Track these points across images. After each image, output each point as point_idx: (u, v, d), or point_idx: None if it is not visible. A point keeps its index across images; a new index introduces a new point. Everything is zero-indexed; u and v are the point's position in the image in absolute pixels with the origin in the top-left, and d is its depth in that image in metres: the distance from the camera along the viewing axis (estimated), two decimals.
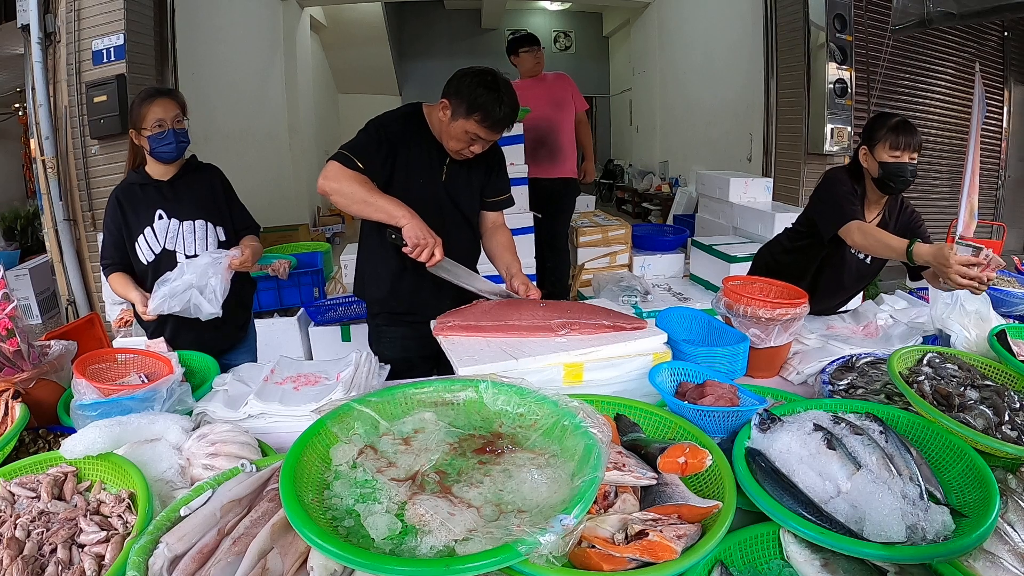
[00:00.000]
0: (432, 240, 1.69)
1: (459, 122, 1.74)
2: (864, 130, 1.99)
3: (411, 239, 1.68)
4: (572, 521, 0.78)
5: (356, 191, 1.71)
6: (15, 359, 1.39)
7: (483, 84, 1.72)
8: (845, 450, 1.01)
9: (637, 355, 1.43)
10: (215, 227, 2.01)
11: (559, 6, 11.52)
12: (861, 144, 1.99)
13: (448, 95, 1.76)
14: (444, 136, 1.81)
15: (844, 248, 2.03)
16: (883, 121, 1.92)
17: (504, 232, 2.04)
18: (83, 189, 3.86)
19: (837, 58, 4.74)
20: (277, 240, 5.60)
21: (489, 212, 2.04)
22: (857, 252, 2.07)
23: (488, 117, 1.72)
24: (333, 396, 1.29)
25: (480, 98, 1.70)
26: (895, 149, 1.88)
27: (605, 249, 4.26)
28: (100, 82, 3.73)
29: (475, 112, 1.71)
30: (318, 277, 3.71)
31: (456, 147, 1.80)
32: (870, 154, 1.94)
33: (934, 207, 5.93)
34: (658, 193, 9.05)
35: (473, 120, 1.72)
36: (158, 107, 1.88)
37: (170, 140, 1.89)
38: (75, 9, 3.73)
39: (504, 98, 1.73)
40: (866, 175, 1.99)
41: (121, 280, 1.95)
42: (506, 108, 1.74)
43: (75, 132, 3.82)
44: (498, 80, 1.75)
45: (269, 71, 7.39)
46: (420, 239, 1.67)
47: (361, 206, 1.73)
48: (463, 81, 1.74)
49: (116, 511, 1.00)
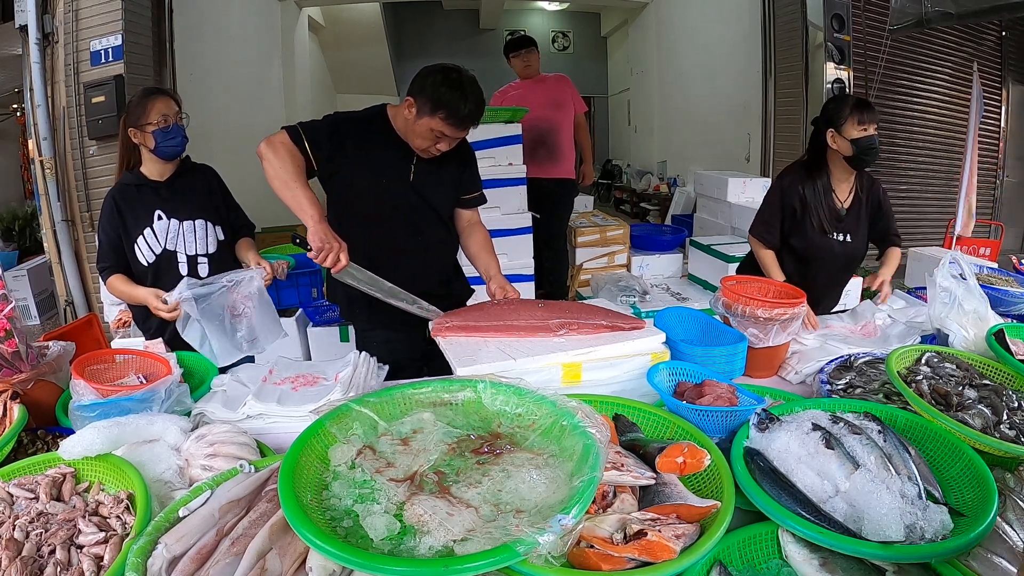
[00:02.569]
0: (336, 244, 1.63)
1: (424, 120, 1.73)
2: (824, 115, 2.07)
3: (314, 243, 1.62)
4: (571, 521, 0.78)
5: (285, 168, 1.67)
6: (13, 360, 1.39)
7: (447, 82, 1.71)
8: (843, 449, 1.02)
9: (635, 355, 1.43)
10: (215, 226, 2.01)
11: (557, 6, 11.52)
12: (825, 129, 2.05)
13: (413, 93, 1.75)
14: (410, 135, 1.79)
15: (820, 235, 2.10)
16: (843, 103, 2.02)
17: (480, 230, 2.03)
18: (81, 190, 3.85)
19: (835, 58, 4.75)
20: (275, 240, 5.58)
21: (464, 210, 2.03)
22: (837, 235, 2.12)
23: (453, 115, 1.71)
24: (331, 397, 1.29)
25: (444, 96, 1.70)
26: (862, 124, 1.98)
27: (603, 249, 4.26)
28: (98, 83, 3.73)
29: (440, 110, 1.70)
30: (316, 278, 3.70)
31: (422, 145, 1.78)
32: (838, 135, 2.01)
33: (933, 207, 5.94)
34: (656, 193, 9.05)
35: (438, 118, 1.71)
36: (162, 103, 1.88)
37: (175, 134, 1.89)
38: (73, 10, 3.72)
39: (468, 95, 1.72)
40: (835, 156, 2.06)
41: (123, 281, 1.93)
42: (470, 105, 1.72)
43: (73, 133, 3.82)
44: (463, 77, 1.74)
45: (267, 71, 7.38)
46: (323, 242, 1.62)
47: (280, 185, 1.67)
48: (427, 79, 1.73)
49: (115, 512, 1.00)
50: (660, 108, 9.46)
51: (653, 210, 8.80)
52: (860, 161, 2.03)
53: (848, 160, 2.04)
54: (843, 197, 2.12)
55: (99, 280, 2.09)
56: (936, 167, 5.98)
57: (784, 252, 2.19)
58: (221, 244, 2.02)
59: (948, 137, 5.95)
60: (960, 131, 5.47)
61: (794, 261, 2.17)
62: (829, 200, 2.10)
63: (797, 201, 2.11)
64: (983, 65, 5.74)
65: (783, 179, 2.18)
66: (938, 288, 1.60)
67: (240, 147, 6.24)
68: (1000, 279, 2.03)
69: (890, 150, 5.65)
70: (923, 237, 5.64)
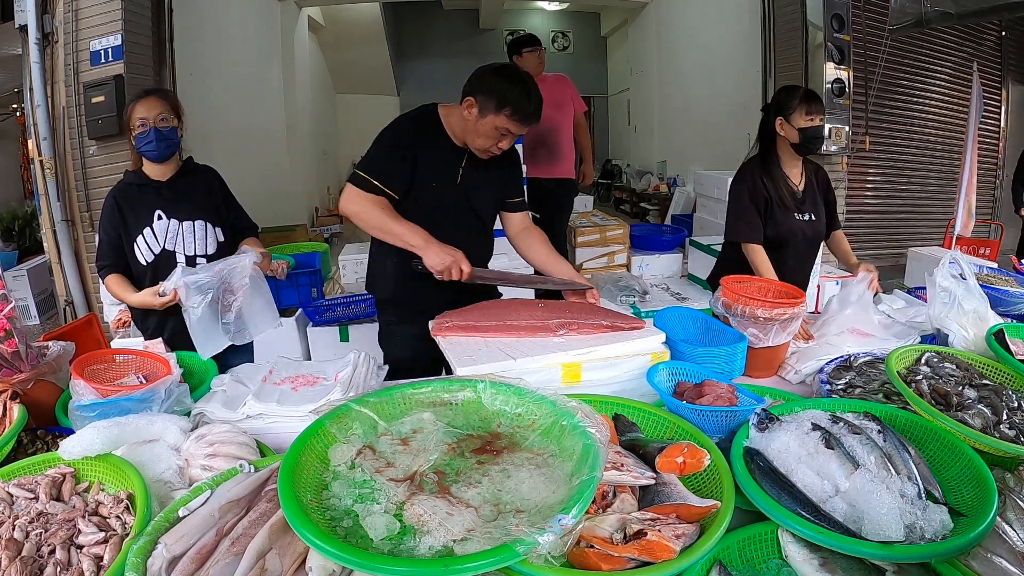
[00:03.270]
0: (453, 259, 1.69)
1: (488, 118, 1.72)
2: (776, 104, 2.22)
3: (434, 266, 1.69)
4: (570, 521, 0.78)
5: (373, 218, 1.74)
6: (13, 360, 1.39)
7: (509, 78, 1.72)
8: (843, 449, 1.02)
9: (635, 355, 1.43)
10: (214, 228, 2.01)
11: (557, 6, 11.52)
12: (775, 117, 2.21)
13: (473, 93, 1.74)
14: (470, 135, 1.78)
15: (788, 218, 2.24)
16: (793, 93, 2.19)
17: (537, 233, 2.02)
18: (81, 190, 3.85)
19: (835, 58, 4.74)
20: (275, 240, 5.59)
21: (513, 214, 2.03)
22: (802, 215, 2.26)
23: (518, 110, 1.71)
24: (331, 396, 1.29)
25: (509, 92, 1.69)
26: (809, 115, 2.14)
27: (603, 249, 4.26)
28: (98, 83, 3.72)
29: (505, 107, 1.70)
30: (316, 278, 3.70)
31: (484, 144, 1.78)
32: (787, 123, 2.18)
33: (933, 207, 5.94)
34: (656, 193, 9.05)
35: (503, 115, 1.71)
36: (142, 106, 1.88)
37: (151, 139, 1.88)
38: (73, 10, 3.72)
39: (532, 90, 1.72)
40: (783, 143, 2.23)
41: (119, 283, 1.94)
42: (535, 100, 1.73)
43: (73, 133, 3.82)
44: (521, 73, 1.75)
45: (267, 71, 7.38)
46: (441, 264, 1.68)
47: (378, 233, 1.76)
48: (488, 77, 1.73)
49: (114, 512, 1.00)
50: (660, 108, 9.46)
51: (653, 210, 8.80)
52: (805, 148, 2.19)
53: (795, 146, 2.19)
54: (796, 180, 2.28)
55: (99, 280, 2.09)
56: (936, 167, 5.98)
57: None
58: (221, 245, 2.02)
59: (948, 137, 5.95)
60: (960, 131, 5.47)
61: (767, 249, 2.26)
62: (787, 184, 2.26)
63: (763, 194, 2.24)
64: (983, 65, 5.74)
65: (745, 178, 2.28)
66: (938, 288, 1.60)
67: (240, 147, 6.28)
68: (1000, 279, 2.03)
69: (890, 150, 5.65)
70: (923, 237, 5.64)
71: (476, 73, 1.78)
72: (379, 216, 1.73)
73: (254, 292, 1.85)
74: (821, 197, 2.32)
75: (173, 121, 1.93)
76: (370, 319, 3.67)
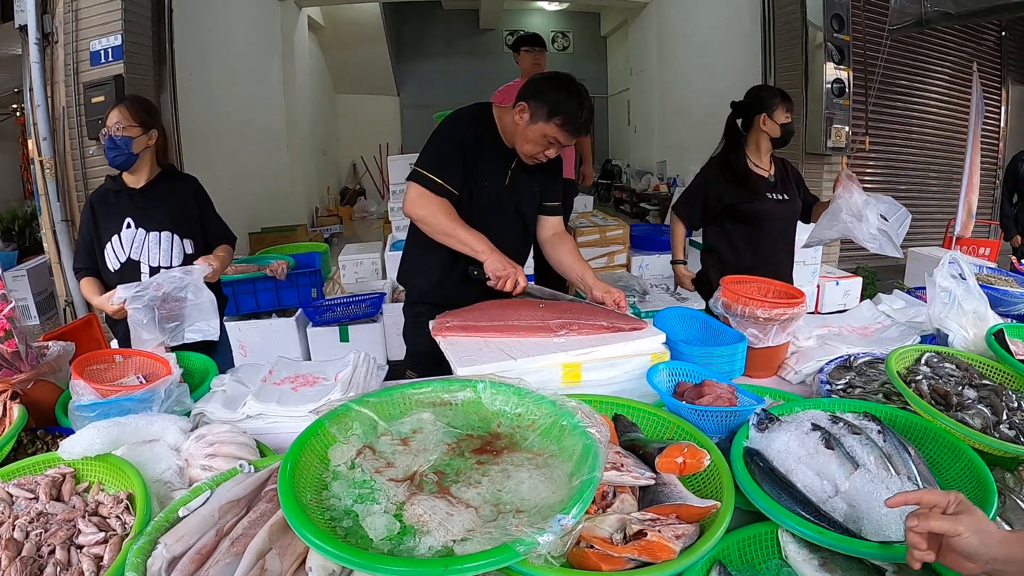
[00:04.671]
0: (513, 270, 1.69)
1: (539, 126, 1.73)
2: (758, 102, 2.43)
3: (493, 272, 1.70)
4: (570, 521, 0.78)
5: (439, 222, 1.74)
6: (13, 360, 1.39)
7: (564, 88, 1.72)
8: (843, 449, 1.02)
9: (635, 355, 1.43)
10: (182, 240, 1.99)
11: (557, 6, 11.53)
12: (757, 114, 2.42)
13: (527, 99, 1.74)
14: (519, 140, 1.79)
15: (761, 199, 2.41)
16: (774, 93, 2.44)
17: (568, 240, 2.03)
18: (81, 190, 3.85)
19: (835, 58, 4.75)
20: (275, 240, 5.59)
21: (549, 217, 2.03)
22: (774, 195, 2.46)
23: (570, 121, 1.71)
24: (331, 397, 1.29)
25: (562, 103, 1.70)
26: (787, 112, 2.41)
27: (603, 249, 4.26)
28: (98, 83, 3.72)
29: (556, 116, 1.70)
30: (316, 278, 3.71)
31: (532, 151, 1.78)
32: (769, 119, 2.40)
33: (933, 207, 5.94)
34: (656, 193, 9.05)
35: (554, 123, 1.71)
36: (112, 114, 1.89)
37: (109, 146, 1.88)
38: (73, 10, 3.72)
39: (585, 103, 1.73)
40: (762, 137, 2.44)
41: (88, 286, 1.94)
42: (587, 112, 1.74)
43: (73, 133, 3.82)
44: (577, 85, 1.75)
45: (267, 71, 7.38)
46: (501, 271, 1.69)
47: (443, 237, 1.76)
48: (543, 85, 1.74)
49: (114, 512, 1.00)
50: (660, 108, 9.47)
51: (653, 210, 8.80)
52: (783, 141, 2.45)
53: (774, 140, 2.44)
54: (767, 167, 2.49)
55: None
56: (936, 167, 5.98)
57: (732, 221, 2.50)
58: (188, 258, 1.99)
59: (948, 137, 5.96)
60: (960, 131, 5.48)
61: (744, 225, 2.47)
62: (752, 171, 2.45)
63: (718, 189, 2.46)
64: (983, 65, 5.75)
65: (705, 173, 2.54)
66: (938, 288, 1.60)
67: (240, 147, 6.29)
68: (1000, 279, 2.03)
69: (890, 150, 5.65)
70: (923, 237, 5.64)
71: (531, 80, 1.78)
72: (446, 222, 1.74)
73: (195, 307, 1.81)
74: (792, 183, 2.53)
75: (132, 131, 1.89)
76: (370, 319, 3.68)
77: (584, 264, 1.94)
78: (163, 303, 1.75)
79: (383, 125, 11.03)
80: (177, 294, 1.77)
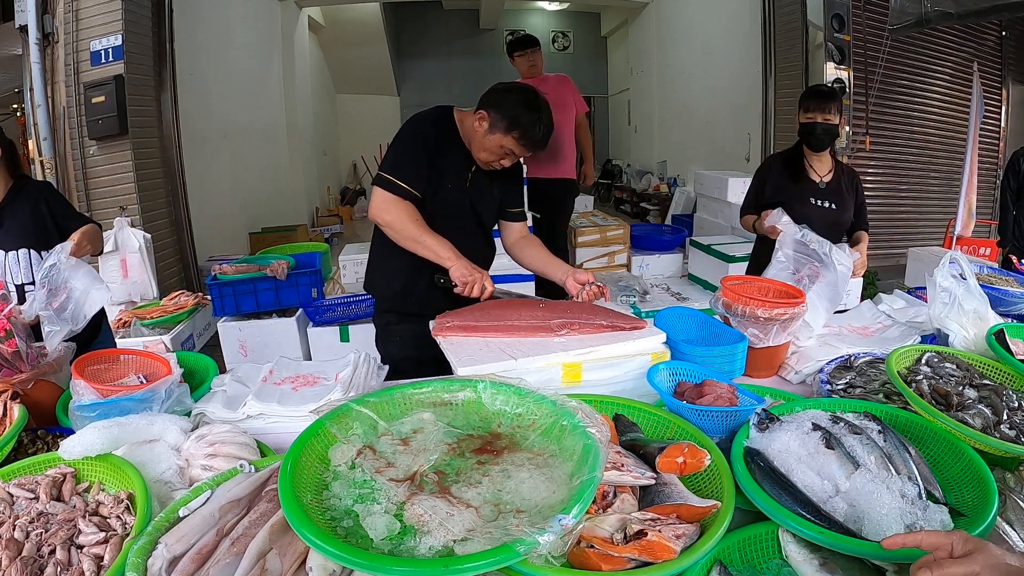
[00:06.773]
0: (479, 275, 1.73)
1: (496, 136, 1.75)
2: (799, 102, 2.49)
3: (459, 278, 1.72)
4: (571, 521, 0.78)
5: (406, 228, 1.76)
6: (13, 360, 1.39)
7: (524, 103, 1.74)
8: (844, 449, 1.02)
9: (636, 355, 1.43)
10: (40, 253, 1.93)
11: (557, 6, 11.53)
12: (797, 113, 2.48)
13: (487, 107, 1.75)
14: (476, 146, 1.81)
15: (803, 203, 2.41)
16: (805, 92, 2.47)
17: (535, 240, 2.06)
18: (81, 190, 3.86)
19: (835, 58, 4.75)
20: (275, 240, 5.59)
21: (513, 223, 2.06)
22: (819, 202, 2.45)
23: (526, 136, 1.74)
24: (331, 397, 1.29)
25: (522, 117, 1.72)
26: (807, 112, 2.42)
27: (603, 249, 4.26)
28: (98, 83, 3.73)
29: (515, 129, 1.72)
30: (316, 278, 3.71)
31: (487, 159, 1.81)
32: (798, 118, 2.45)
33: (933, 207, 5.94)
34: (656, 193, 9.06)
35: (511, 136, 1.73)
36: None
37: None
38: (73, 10, 3.73)
39: (543, 118, 1.75)
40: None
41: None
42: (545, 128, 1.76)
43: (73, 133, 3.82)
44: (539, 100, 1.77)
45: (267, 71, 7.39)
46: (467, 276, 1.72)
47: (410, 244, 1.77)
48: (505, 96, 1.75)
49: (115, 512, 1.00)
50: (660, 108, 9.47)
51: (653, 210, 8.81)
52: (807, 142, 2.44)
53: (805, 141, 2.45)
54: (822, 173, 2.48)
55: None
56: (936, 167, 5.98)
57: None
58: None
59: (948, 137, 5.96)
60: (960, 131, 5.48)
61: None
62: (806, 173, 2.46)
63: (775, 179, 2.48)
64: (983, 65, 5.74)
65: (772, 159, 2.58)
66: (938, 288, 1.60)
67: (240, 147, 6.29)
68: (1000, 279, 2.03)
69: (890, 150, 5.65)
70: (923, 237, 5.64)
71: (494, 89, 1.79)
72: (412, 228, 1.75)
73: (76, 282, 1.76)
74: (851, 196, 2.50)
75: None
76: (370, 319, 3.67)
77: (556, 260, 1.98)
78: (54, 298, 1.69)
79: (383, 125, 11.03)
80: (59, 283, 1.69)
